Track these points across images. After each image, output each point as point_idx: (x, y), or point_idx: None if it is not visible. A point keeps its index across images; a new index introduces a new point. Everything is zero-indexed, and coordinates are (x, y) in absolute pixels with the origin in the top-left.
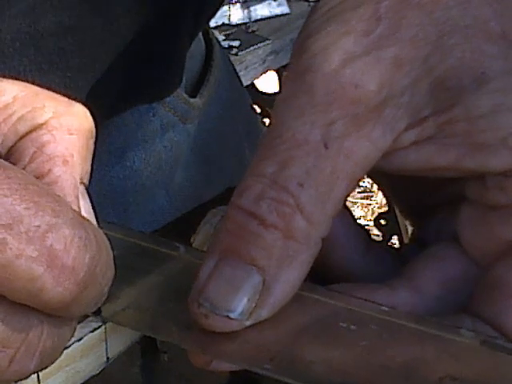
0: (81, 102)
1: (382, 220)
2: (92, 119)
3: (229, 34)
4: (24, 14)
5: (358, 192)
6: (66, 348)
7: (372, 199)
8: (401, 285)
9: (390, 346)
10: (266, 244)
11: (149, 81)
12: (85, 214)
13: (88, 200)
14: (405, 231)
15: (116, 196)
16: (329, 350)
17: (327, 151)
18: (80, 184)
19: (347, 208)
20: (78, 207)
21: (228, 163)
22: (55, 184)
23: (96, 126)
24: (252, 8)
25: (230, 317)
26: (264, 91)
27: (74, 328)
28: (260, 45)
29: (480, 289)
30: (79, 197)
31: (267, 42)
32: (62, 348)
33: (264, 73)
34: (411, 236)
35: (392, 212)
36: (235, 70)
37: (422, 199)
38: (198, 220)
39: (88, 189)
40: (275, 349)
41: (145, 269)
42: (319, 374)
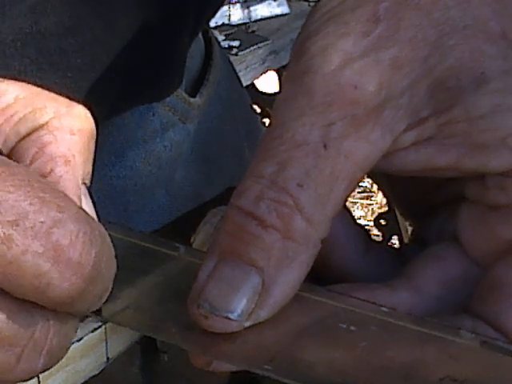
0: (81, 103)
1: (382, 220)
2: (93, 120)
3: (229, 34)
4: (25, 15)
5: (358, 192)
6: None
7: (372, 199)
8: (400, 285)
9: (390, 347)
10: (265, 245)
11: (149, 81)
12: (90, 208)
13: (90, 200)
14: (405, 231)
15: (116, 195)
16: (329, 351)
17: (326, 152)
18: (82, 184)
19: (347, 208)
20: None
21: (228, 163)
22: (57, 184)
23: (96, 126)
24: (252, 8)
25: (230, 317)
26: (264, 91)
27: (77, 326)
28: (260, 45)
29: (480, 289)
30: (81, 197)
31: (267, 42)
32: (68, 346)
33: (264, 73)
34: (411, 236)
35: (392, 212)
36: (235, 70)
37: (422, 199)
38: (198, 220)
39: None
40: (275, 349)
41: (145, 269)
42: (319, 375)
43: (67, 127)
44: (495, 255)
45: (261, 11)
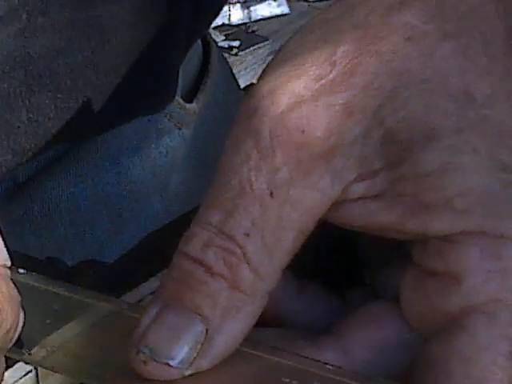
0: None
1: None
2: None
3: (229, 34)
4: (14, 38)
5: None
6: None
7: None
8: (328, 344)
9: None
10: (212, 292)
11: (142, 98)
12: None
13: None
14: None
15: (111, 202)
16: None
17: (272, 200)
18: None
19: None
20: None
21: None
22: None
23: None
24: (252, 8)
25: (170, 364)
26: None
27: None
28: (260, 45)
29: (417, 366)
30: None
31: (267, 42)
32: None
33: None
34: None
35: None
36: (232, 72)
37: (377, 245)
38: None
39: (82, 196)
40: None
41: (75, 317)
42: None
43: None
44: (432, 328)
45: (261, 11)
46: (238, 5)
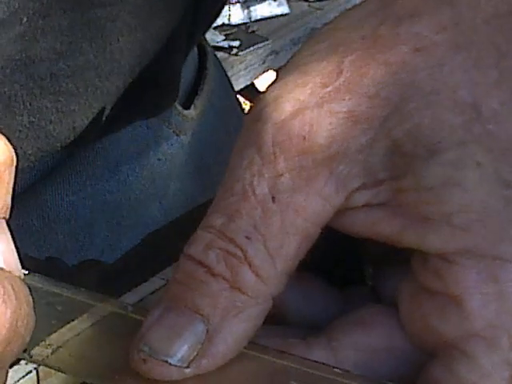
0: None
1: None
2: (9, 149)
3: (229, 34)
4: (15, 42)
5: None
6: None
7: None
8: (318, 343)
9: None
10: (212, 292)
11: (143, 101)
12: (4, 254)
13: (8, 235)
14: None
15: (109, 210)
16: None
17: (275, 205)
18: None
19: None
20: None
21: (223, 173)
22: None
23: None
24: (252, 8)
25: (169, 362)
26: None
27: (6, 374)
28: (260, 45)
29: None
30: None
31: (267, 42)
32: None
33: (264, 73)
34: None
35: None
36: (227, 77)
37: (379, 245)
38: (192, 225)
39: (81, 205)
40: None
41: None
42: None
43: None
44: (431, 347)
45: (261, 11)
46: (238, 5)
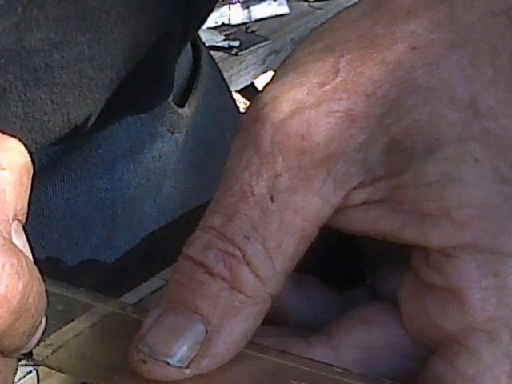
0: (14, 136)
1: None
2: (27, 154)
3: (229, 34)
4: (9, 32)
5: None
6: None
7: None
8: (319, 342)
9: None
10: (211, 293)
11: (138, 94)
12: None
13: (24, 238)
14: None
15: (104, 207)
16: None
17: (274, 205)
18: (14, 221)
19: None
20: None
21: (217, 172)
22: None
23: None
24: (252, 8)
25: (169, 362)
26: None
27: (16, 368)
28: (260, 45)
29: (419, 382)
30: (12, 234)
31: (267, 42)
32: None
33: (264, 73)
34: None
35: None
36: (223, 76)
37: (378, 244)
38: (187, 226)
39: (76, 202)
40: None
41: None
42: None
43: None
44: (433, 342)
45: (261, 11)
46: (238, 5)
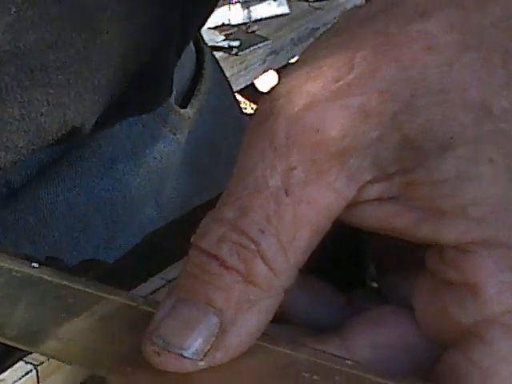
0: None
1: None
2: None
3: (229, 34)
4: (4, 32)
5: None
6: None
7: None
8: (331, 342)
9: None
10: (226, 285)
11: (136, 95)
12: None
13: None
14: None
15: (105, 208)
16: None
17: (288, 198)
18: None
19: None
20: None
21: (219, 173)
22: None
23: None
24: (252, 8)
25: (183, 355)
26: (264, 91)
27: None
28: (260, 45)
29: (434, 375)
30: None
31: (267, 42)
32: None
33: (264, 73)
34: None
35: None
36: (226, 78)
37: (389, 247)
38: (187, 226)
39: (77, 202)
40: None
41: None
42: None
43: None
44: (449, 338)
45: (261, 11)
46: (238, 5)
